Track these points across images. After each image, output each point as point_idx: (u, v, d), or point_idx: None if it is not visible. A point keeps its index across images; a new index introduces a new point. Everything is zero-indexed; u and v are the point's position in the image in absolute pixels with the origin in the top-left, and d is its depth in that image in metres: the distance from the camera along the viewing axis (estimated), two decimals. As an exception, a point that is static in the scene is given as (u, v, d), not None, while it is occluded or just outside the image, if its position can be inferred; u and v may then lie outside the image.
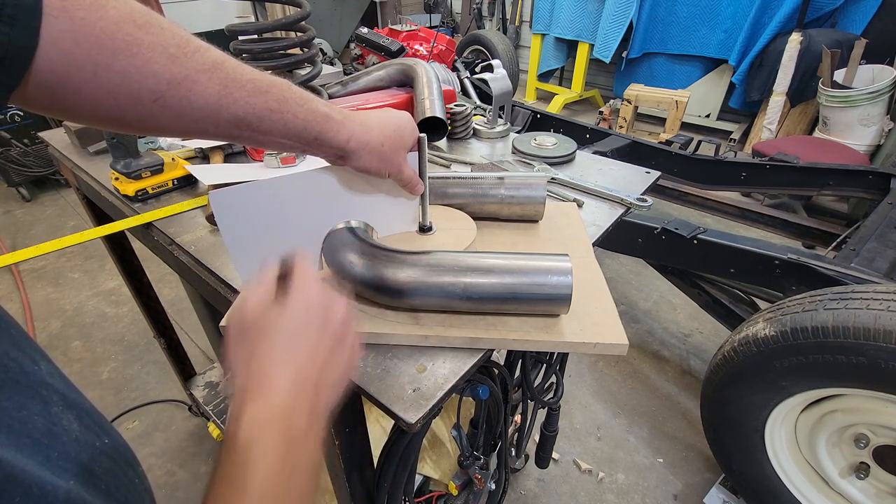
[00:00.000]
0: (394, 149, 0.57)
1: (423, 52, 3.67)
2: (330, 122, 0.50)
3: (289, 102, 0.47)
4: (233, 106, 0.43)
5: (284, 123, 0.47)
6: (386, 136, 0.55)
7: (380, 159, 0.56)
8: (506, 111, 1.26)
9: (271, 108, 0.45)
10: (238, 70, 0.44)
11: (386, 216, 0.67)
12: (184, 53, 0.39)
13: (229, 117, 0.44)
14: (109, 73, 0.36)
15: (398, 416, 0.50)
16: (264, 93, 0.45)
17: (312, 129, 0.49)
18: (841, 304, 1.07)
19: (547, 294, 0.55)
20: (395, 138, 0.57)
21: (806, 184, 2.25)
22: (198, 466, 1.65)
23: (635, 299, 2.44)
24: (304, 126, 0.48)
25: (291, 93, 0.47)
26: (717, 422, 1.37)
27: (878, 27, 3.32)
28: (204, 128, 0.44)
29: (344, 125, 0.51)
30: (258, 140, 0.48)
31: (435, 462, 1.18)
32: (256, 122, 0.45)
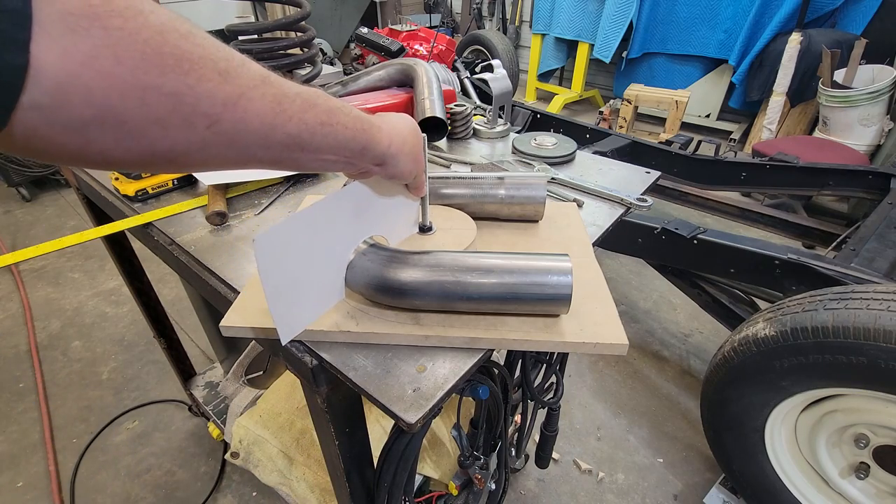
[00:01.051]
0: (415, 151, 0.57)
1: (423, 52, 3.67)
2: (373, 128, 0.48)
3: (336, 113, 0.43)
4: (287, 124, 0.38)
5: (335, 137, 0.43)
6: (408, 139, 0.55)
7: (413, 161, 0.56)
8: (506, 111, 1.26)
9: (322, 122, 0.41)
10: (284, 83, 0.39)
11: (395, 224, 0.67)
12: (233, 68, 0.34)
13: (283, 138, 0.39)
14: (160, 96, 0.29)
15: (398, 416, 0.50)
16: (314, 105, 0.41)
17: (360, 138, 0.46)
18: (841, 304, 1.07)
19: (547, 294, 0.55)
20: (414, 141, 0.57)
21: (806, 184, 2.25)
22: (198, 466, 1.65)
23: (635, 299, 2.44)
24: (352, 136, 0.45)
25: (334, 102, 0.44)
26: (717, 422, 1.37)
27: (878, 27, 3.32)
28: (253, 154, 0.38)
29: (382, 130, 0.50)
30: (303, 162, 0.43)
31: (435, 462, 1.18)
32: (309, 138, 0.41)
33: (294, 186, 0.99)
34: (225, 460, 1.64)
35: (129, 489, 1.58)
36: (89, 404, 1.88)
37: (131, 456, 1.69)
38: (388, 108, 1.23)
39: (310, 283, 0.55)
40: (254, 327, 0.58)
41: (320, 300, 0.58)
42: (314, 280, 0.55)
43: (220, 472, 1.62)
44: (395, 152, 0.52)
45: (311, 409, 0.70)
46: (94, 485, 1.60)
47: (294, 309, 0.54)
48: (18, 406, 1.87)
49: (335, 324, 0.58)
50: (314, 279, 0.55)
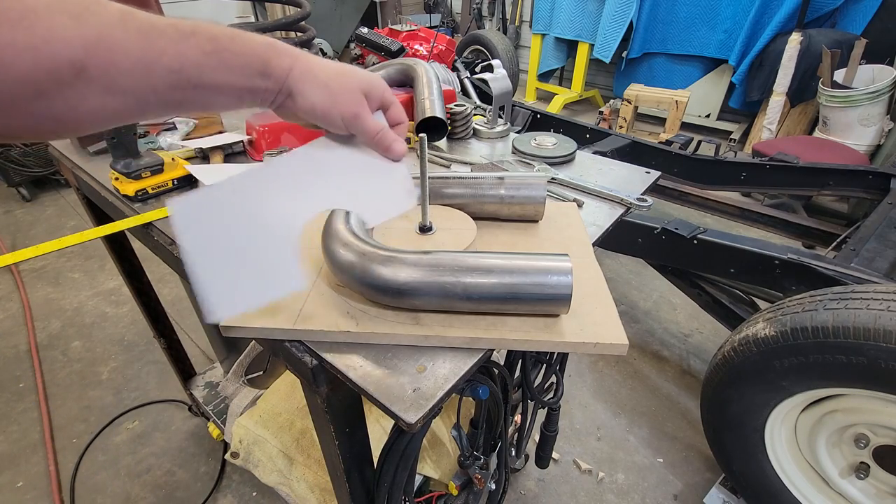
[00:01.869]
0: (346, 88, 0.49)
1: (423, 52, 3.67)
2: (272, 49, 0.44)
3: (220, 39, 0.40)
4: (162, 58, 0.36)
5: (225, 64, 0.40)
6: (336, 73, 0.49)
7: (328, 95, 0.48)
8: (506, 111, 1.26)
9: (205, 51, 0.39)
10: (149, 17, 0.37)
11: (371, 196, 0.55)
12: (86, 10, 0.33)
13: (164, 75, 0.37)
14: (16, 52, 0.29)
15: (398, 416, 0.50)
16: (190, 35, 0.38)
17: (255, 62, 0.43)
18: (841, 304, 1.07)
19: (547, 294, 0.55)
20: (348, 77, 0.49)
21: (806, 184, 2.25)
22: (198, 466, 1.65)
23: (635, 299, 2.44)
24: (245, 61, 0.42)
25: (218, 28, 0.41)
26: (717, 422, 1.37)
27: (878, 27, 3.32)
28: (142, 98, 0.37)
29: (287, 51, 0.46)
30: (204, 99, 0.41)
31: (435, 462, 1.18)
32: (196, 72, 0.39)
33: (294, 186, 0.98)
34: (225, 460, 1.64)
35: (129, 489, 1.58)
36: (89, 404, 1.88)
37: (131, 456, 1.69)
38: (388, 108, 1.23)
39: (247, 259, 0.49)
40: (254, 327, 0.58)
41: (267, 283, 0.50)
42: (254, 257, 0.49)
43: (220, 472, 1.62)
44: (297, 76, 0.46)
45: (311, 409, 0.70)
46: (94, 485, 1.60)
47: (226, 284, 0.48)
48: (18, 406, 1.87)
49: (335, 324, 0.58)
50: (254, 255, 0.49)
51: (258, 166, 0.52)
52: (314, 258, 0.70)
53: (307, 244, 0.73)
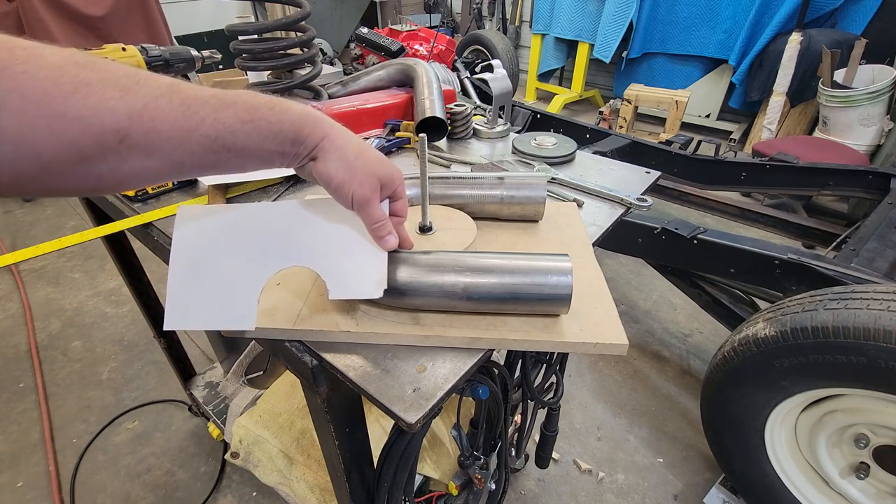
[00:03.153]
0: (366, 170, 0.50)
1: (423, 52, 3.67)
2: (306, 119, 0.47)
3: (259, 109, 0.44)
4: (202, 126, 0.40)
5: (259, 132, 0.44)
6: (363, 155, 0.51)
7: (347, 170, 0.49)
8: (506, 111, 1.26)
9: (242, 119, 0.42)
10: (195, 88, 0.41)
11: (345, 270, 0.55)
12: (135, 83, 0.37)
13: (202, 140, 0.40)
14: (65, 122, 0.33)
15: (398, 416, 0.50)
16: (231, 105, 0.42)
17: (289, 129, 0.46)
18: (841, 304, 1.07)
19: (547, 294, 0.55)
20: (370, 162, 0.51)
21: (806, 184, 2.25)
22: (198, 466, 1.65)
23: (635, 299, 2.44)
24: (279, 129, 0.45)
25: (259, 99, 0.44)
26: (717, 422, 1.37)
27: (878, 27, 3.32)
28: (178, 160, 0.40)
29: (321, 124, 0.48)
30: (237, 162, 0.44)
31: (435, 462, 1.18)
32: (231, 138, 0.42)
33: (294, 186, 0.99)
34: (225, 460, 1.64)
35: (129, 489, 1.58)
36: (89, 404, 1.88)
37: (131, 456, 1.69)
38: (389, 108, 1.23)
39: (214, 284, 0.52)
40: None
41: (220, 312, 0.53)
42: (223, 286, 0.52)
43: (220, 472, 1.62)
44: (327, 147, 0.49)
45: (311, 409, 0.70)
46: (94, 485, 1.60)
47: (190, 300, 0.51)
48: (18, 406, 1.87)
49: (335, 324, 0.58)
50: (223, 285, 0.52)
51: (260, 205, 0.55)
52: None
53: (307, 244, 0.73)
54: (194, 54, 0.94)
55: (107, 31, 2.88)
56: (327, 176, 0.50)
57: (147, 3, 3.01)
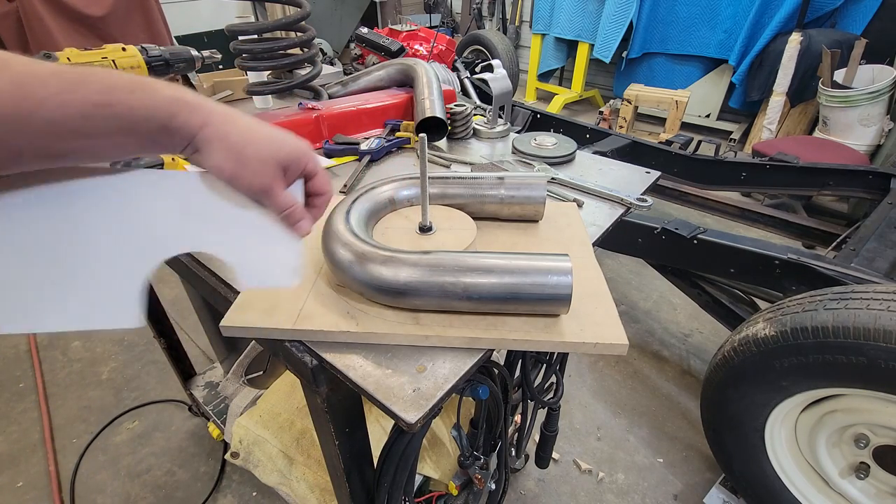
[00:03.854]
0: (260, 157, 0.44)
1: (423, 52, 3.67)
2: (180, 104, 0.40)
3: (116, 91, 0.37)
4: (40, 109, 0.34)
5: (118, 118, 0.37)
6: (254, 139, 0.44)
7: (237, 161, 0.43)
8: (506, 111, 1.26)
9: (94, 103, 0.36)
10: (33, 65, 0.35)
11: (256, 257, 0.49)
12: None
13: (43, 125, 0.34)
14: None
15: (398, 416, 0.50)
16: (79, 85, 0.36)
17: (157, 116, 0.39)
18: (841, 304, 1.07)
19: (547, 294, 0.55)
20: (265, 146, 0.45)
21: (806, 184, 2.25)
22: (198, 466, 1.65)
23: (635, 299, 2.44)
24: (144, 115, 0.38)
25: (116, 79, 0.38)
26: (717, 422, 1.37)
27: (878, 27, 3.32)
28: (16, 147, 0.34)
29: (200, 108, 0.42)
30: (99, 152, 0.39)
31: (435, 462, 1.18)
32: (83, 123, 0.36)
33: (294, 186, 0.98)
34: (225, 460, 1.64)
35: (129, 489, 1.58)
36: (89, 404, 1.88)
37: (131, 456, 1.69)
38: (388, 108, 1.23)
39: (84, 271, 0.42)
40: (254, 327, 0.58)
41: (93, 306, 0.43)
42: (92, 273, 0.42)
43: (220, 472, 1.62)
44: (208, 136, 0.42)
45: (311, 409, 0.70)
46: (94, 485, 1.60)
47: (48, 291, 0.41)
48: (18, 406, 1.87)
49: (335, 324, 0.58)
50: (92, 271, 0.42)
51: (147, 174, 0.44)
52: (314, 258, 0.70)
53: (307, 244, 0.73)
54: (194, 54, 0.94)
55: (107, 31, 2.88)
56: (215, 169, 0.44)
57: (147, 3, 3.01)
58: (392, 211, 0.76)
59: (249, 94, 1.40)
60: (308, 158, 0.48)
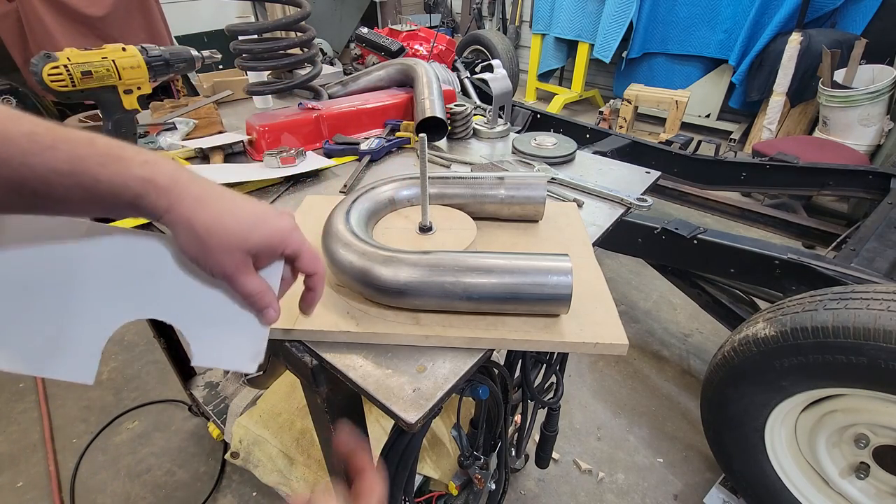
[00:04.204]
0: (224, 245, 0.42)
1: (423, 52, 3.67)
2: (149, 186, 0.39)
3: (86, 161, 0.36)
4: (2, 167, 0.34)
5: (82, 189, 0.36)
6: (222, 227, 0.42)
7: (199, 248, 0.42)
8: (506, 111, 1.26)
9: (60, 171, 0.35)
10: (10, 122, 0.34)
11: (216, 335, 0.47)
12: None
13: (3, 182, 0.34)
14: None
15: (398, 416, 0.50)
16: (47, 149, 0.35)
17: (125, 194, 0.38)
18: (841, 304, 1.07)
19: (547, 294, 0.55)
20: (233, 233, 0.42)
21: (806, 184, 2.25)
22: (197, 466, 1.65)
23: (635, 299, 2.44)
24: (109, 191, 0.38)
25: (92, 148, 0.37)
26: (717, 422, 1.37)
27: (878, 27, 3.32)
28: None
29: (168, 193, 0.40)
30: (60, 210, 0.38)
31: (435, 462, 1.18)
32: (44, 188, 0.35)
33: (294, 186, 0.99)
34: (225, 460, 1.64)
35: (129, 489, 1.58)
36: (89, 404, 1.88)
37: (131, 456, 1.69)
38: (388, 108, 1.23)
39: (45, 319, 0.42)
40: (254, 327, 0.58)
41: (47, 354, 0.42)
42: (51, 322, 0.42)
43: (220, 472, 1.62)
44: (171, 221, 0.40)
45: (311, 409, 0.70)
46: (94, 485, 1.60)
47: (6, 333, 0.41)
48: (18, 406, 1.87)
49: (335, 324, 0.58)
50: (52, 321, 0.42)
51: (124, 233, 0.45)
52: (314, 258, 0.70)
53: (307, 244, 0.73)
54: (194, 54, 0.94)
55: (107, 31, 2.88)
56: (181, 247, 0.43)
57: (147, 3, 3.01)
58: (392, 211, 0.76)
59: (249, 94, 1.40)
60: (288, 243, 0.46)
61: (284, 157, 0.97)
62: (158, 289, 0.45)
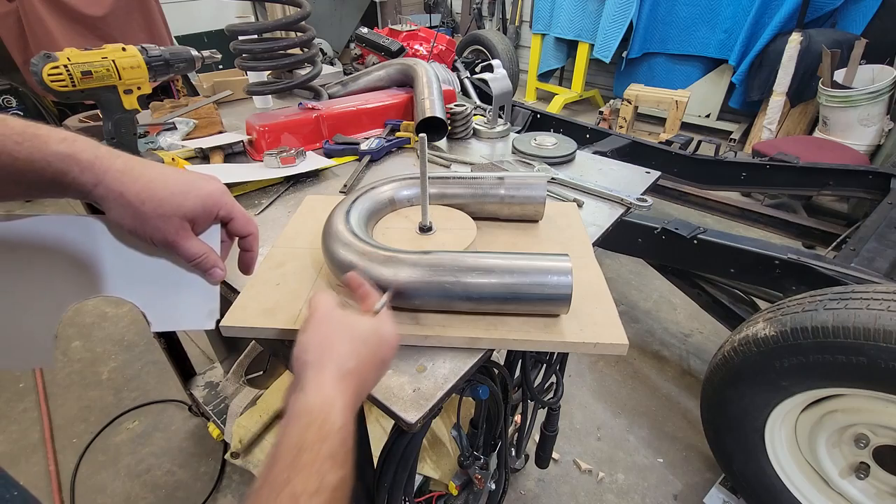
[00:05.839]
0: (160, 212, 0.42)
1: (423, 52, 3.67)
2: (69, 161, 0.39)
3: (2, 139, 0.37)
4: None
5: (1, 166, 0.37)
6: (154, 195, 0.42)
7: (134, 217, 0.42)
8: (506, 111, 1.26)
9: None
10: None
11: (170, 302, 0.49)
12: None
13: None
14: None
15: (398, 416, 0.50)
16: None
17: (46, 171, 0.38)
18: (841, 304, 1.07)
19: (547, 294, 0.55)
20: (166, 201, 0.43)
21: (806, 184, 2.25)
22: (197, 466, 1.65)
23: (635, 299, 2.44)
24: (31, 167, 0.38)
25: (5, 127, 0.37)
26: (717, 422, 1.37)
27: (878, 27, 3.31)
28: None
29: (91, 168, 0.40)
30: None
31: (435, 462, 1.18)
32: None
33: (294, 186, 0.99)
34: (225, 460, 1.64)
35: (129, 489, 1.58)
36: (89, 404, 1.88)
37: (131, 456, 1.69)
38: (388, 108, 1.23)
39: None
40: (254, 327, 0.58)
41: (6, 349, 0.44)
42: None
43: (220, 472, 1.62)
44: (102, 194, 0.41)
45: (311, 409, 0.70)
46: (94, 485, 1.60)
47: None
48: (18, 406, 1.87)
49: (335, 324, 0.58)
50: None
51: (57, 219, 0.44)
52: (314, 258, 0.70)
53: (308, 244, 0.73)
54: (194, 54, 0.94)
55: (107, 31, 2.88)
56: (116, 221, 0.43)
57: (147, 3, 3.01)
58: (392, 211, 0.76)
59: (249, 94, 1.40)
60: (221, 205, 0.47)
61: (284, 157, 0.97)
62: (102, 266, 0.45)
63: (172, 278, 0.48)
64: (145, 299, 0.47)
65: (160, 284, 0.48)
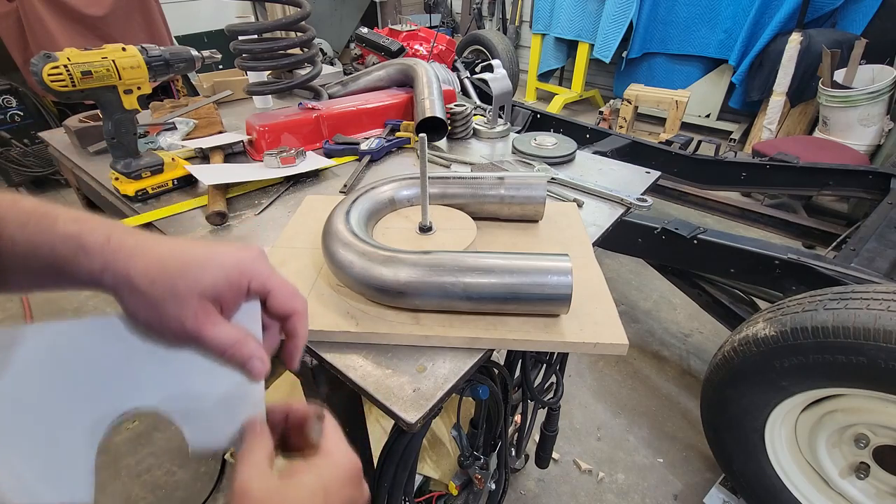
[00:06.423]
0: (175, 292, 0.34)
1: (423, 52, 3.67)
2: (76, 245, 0.33)
3: (4, 223, 0.32)
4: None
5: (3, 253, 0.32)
6: (165, 273, 0.34)
7: (146, 305, 0.35)
8: (506, 111, 1.26)
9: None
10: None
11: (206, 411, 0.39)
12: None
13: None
14: None
15: (398, 416, 0.50)
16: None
17: (48, 257, 0.33)
18: (841, 304, 1.07)
19: (547, 294, 0.55)
20: (181, 276, 0.35)
21: (806, 184, 2.25)
22: (197, 466, 1.65)
23: (635, 299, 2.44)
24: (31, 253, 0.33)
25: (12, 210, 0.33)
26: (717, 422, 1.37)
27: (878, 27, 3.32)
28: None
29: (102, 249, 0.34)
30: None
31: (435, 462, 1.18)
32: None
33: (294, 186, 0.99)
34: (225, 460, 1.64)
35: (129, 489, 1.58)
36: (89, 404, 1.88)
37: (131, 456, 1.69)
38: (388, 108, 1.23)
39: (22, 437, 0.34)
40: (254, 327, 0.58)
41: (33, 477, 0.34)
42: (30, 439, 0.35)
43: (220, 472, 1.62)
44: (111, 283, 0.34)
45: (311, 409, 0.70)
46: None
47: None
48: (18, 406, 1.87)
49: (335, 324, 0.58)
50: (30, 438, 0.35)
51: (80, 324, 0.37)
52: (314, 258, 0.70)
53: (308, 244, 0.73)
54: (194, 54, 0.94)
55: (107, 31, 2.88)
56: (133, 316, 0.36)
57: (147, 3, 3.01)
58: (392, 211, 0.76)
59: (249, 94, 1.40)
60: (251, 274, 0.37)
61: (284, 157, 0.97)
62: (122, 376, 0.37)
63: (206, 382, 0.38)
64: (180, 412, 0.38)
65: (194, 392, 0.38)
